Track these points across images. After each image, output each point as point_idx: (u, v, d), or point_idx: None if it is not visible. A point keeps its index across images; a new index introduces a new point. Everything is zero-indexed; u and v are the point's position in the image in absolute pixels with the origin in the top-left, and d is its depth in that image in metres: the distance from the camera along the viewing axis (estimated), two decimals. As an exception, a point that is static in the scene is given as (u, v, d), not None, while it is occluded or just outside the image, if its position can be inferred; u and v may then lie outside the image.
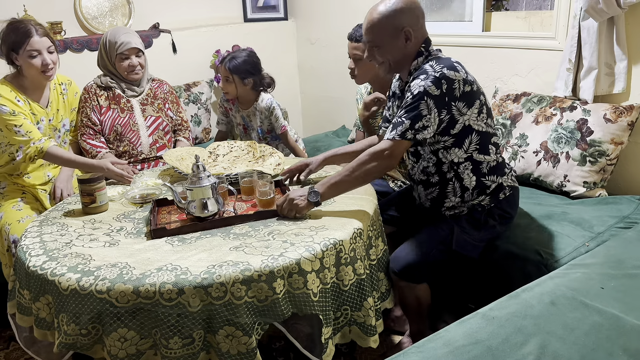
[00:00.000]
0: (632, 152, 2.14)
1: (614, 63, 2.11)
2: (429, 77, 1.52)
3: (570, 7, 2.23)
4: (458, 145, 1.62)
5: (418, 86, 1.53)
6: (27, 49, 1.98)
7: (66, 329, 1.30)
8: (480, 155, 1.64)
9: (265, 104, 2.58)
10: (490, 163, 1.67)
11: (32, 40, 1.98)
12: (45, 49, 2.02)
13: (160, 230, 1.52)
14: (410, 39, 1.61)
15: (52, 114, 2.17)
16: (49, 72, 2.05)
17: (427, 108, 1.52)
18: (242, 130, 2.74)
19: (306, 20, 3.79)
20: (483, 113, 1.61)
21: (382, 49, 1.63)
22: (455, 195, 1.70)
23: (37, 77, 2.06)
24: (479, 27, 2.75)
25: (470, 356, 1.11)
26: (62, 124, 2.24)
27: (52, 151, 2.04)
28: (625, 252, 1.53)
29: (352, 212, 1.59)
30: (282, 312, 1.31)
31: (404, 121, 1.54)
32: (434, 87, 1.51)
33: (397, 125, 1.55)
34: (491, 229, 1.74)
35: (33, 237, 1.55)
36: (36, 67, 2.01)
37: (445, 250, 1.72)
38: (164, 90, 2.55)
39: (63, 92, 2.26)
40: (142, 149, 2.44)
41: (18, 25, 2.01)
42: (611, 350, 1.11)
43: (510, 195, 1.72)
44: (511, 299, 1.32)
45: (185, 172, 1.92)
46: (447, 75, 1.52)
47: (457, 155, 1.64)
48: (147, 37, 3.15)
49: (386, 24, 1.58)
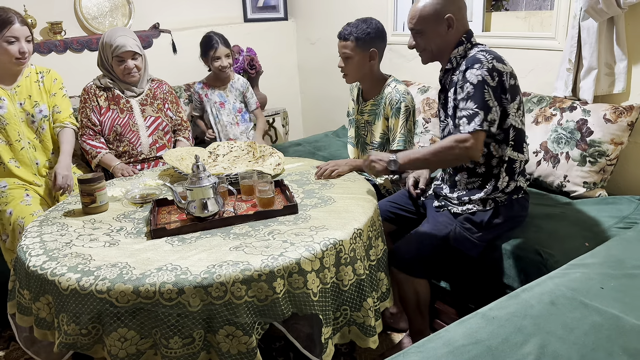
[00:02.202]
0: (632, 152, 2.14)
1: (613, 63, 2.12)
2: (483, 68, 1.56)
3: (570, 7, 2.23)
4: (506, 142, 1.65)
5: (476, 76, 1.57)
6: (6, 34, 2.03)
7: (66, 328, 1.30)
8: (514, 153, 1.67)
9: (241, 82, 3.03)
10: (522, 163, 1.70)
11: (13, 27, 2.03)
12: (23, 37, 2.07)
13: (160, 230, 1.52)
14: (452, 26, 1.66)
15: (22, 98, 2.19)
16: (23, 60, 2.09)
17: (490, 97, 1.56)
18: (218, 107, 2.96)
19: (306, 20, 3.79)
20: (520, 110, 1.64)
21: (426, 35, 1.69)
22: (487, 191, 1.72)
23: (8, 64, 2.10)
24: (479, 27, 2.75)
25: (470, 356, 1.11)
26: (37, 109, 2.23)
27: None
28: (625, 252, 1.53)
29: (352, 212, 1.59)
30: (282, 312, 1.31)
31: (476, 112, 1.56)
32: (490, 78, 1.55)
33: (472, 117, 1.56)
34: (494, 229, 1.75)
35: (33, 237, 1.55)
36: (12, 53, 2.06)
37: (443, 246, 1.73)
38: (164, 91, 2.56)
39: (40, 79, 2.27)
40: (142, 149, 2.44)
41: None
42: (611, 350, 1.11)
43: (522, 198, 1.75)
44: (511, 299, 1.32)
45: (185, 172, 1.92)
46: (497, 67, 1.56)
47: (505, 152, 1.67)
48: (147, 37, 3.15)
49: (430, 11, 1.65)
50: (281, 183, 1.86)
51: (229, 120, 2.98)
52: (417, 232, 1.79)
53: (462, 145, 1.58)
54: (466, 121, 1.58)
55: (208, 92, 2.97)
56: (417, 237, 1.77)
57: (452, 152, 1.60)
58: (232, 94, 2.99)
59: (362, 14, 2.42)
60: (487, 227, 1.73)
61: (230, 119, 2.98)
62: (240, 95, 3.02)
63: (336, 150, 2.92)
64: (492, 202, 1.73)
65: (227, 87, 2.98)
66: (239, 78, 3.04)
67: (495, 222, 1.73)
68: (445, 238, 1.73)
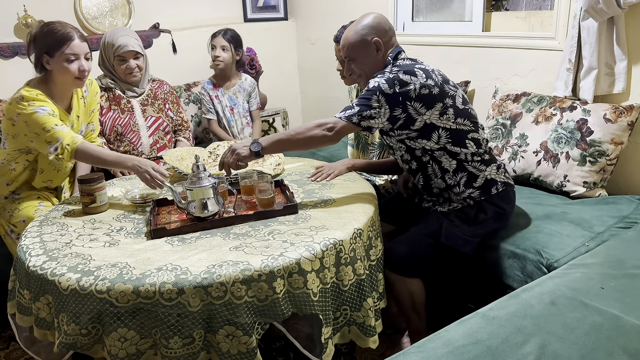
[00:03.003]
0: (632, 152, 2.14)
1: (614, 63, 2.11)
2: (384, 77, 1.66)
3: (570, 7, 2.23)
4: (425, 137, 1.71)
5: (373, 82, 1.68)
6: (65, 52, 1.85)
7: (66, 328, 1.30)
8: (455, 147, 1.72)
9: (249, 82, 3.01)
10: (469, 155, 1.73)
11: (73, 43, 1.86)
12: (83, 54, 1.90)
13: (160, 230, 1.52)
14: (381, 49, 1.77)
15: (73, 120, 2.04)
16: (83, 79, 1.94)
17: (378, 102, 1.64)
18: (230, 112, 2.95)
19: (306, 20, 3.79)
20: (448, 114, 1.68)
21: (358, 61, 1.80)
22: (437, 176, 1.77)
23: (68, 83, 1.94)
24: (479, 27, 2.75)
25: (470, 356, 1.11)
26: (80, 130, 2.10)
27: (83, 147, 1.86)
28: (625, 252, 1.53)
29: (352, 212, 1.59)
30: (282, 312, 1.31)
31: (353, 107, 1.67)
32: (387, 86, 1.63)
33: (347, 109, 1.68)
34: (483, 224, 1.76)
35: (33, 237, 1.55)
36: (72, 72, 1.88)
37: (434, 244, 1.75)
38: (164, 91, 2.56)
39: (84, 94, 2.10)
40: (143, 149, 2.45)
41: (56, 28, 1.88)
42: (611, 350, 1.11)
43: (503, 191, 1.76)
44: (511, 299, 1.32)
45: (185, 172, 1.92)
46: (401, 78, 1.64)
47: (427, 144, 1.72)
48: (147, 37, 3.15)
49: (357, 38, 1.77)
50: (281, 183, 1.86)
51: (239, 124, 2.99)
52: (408, 232, 1.81)
53: (323, 128, 1.66)
54: (342, 110, 1.69)
55: (218, 93, 2.95)
56: (408, 237, 1.79)
57: (311, 133, 1.67)
58: (241, 95, 2.99)
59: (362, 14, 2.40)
60: (475, 223, 1.75)
61: (240, 122, 2.99)
62: (247, 95, 3.02)
63: (336, 150, 2.91)
64: (470, 200, 1.75)
65: (236, 88, 2.97)
66: (246, 78, 3.03)
67: (482, 217, 1.75)
68: (436, 236, 1.75)
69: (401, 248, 1.74)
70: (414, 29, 3.11)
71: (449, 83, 1.71)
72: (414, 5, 3.11)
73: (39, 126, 1.83)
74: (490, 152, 1.80)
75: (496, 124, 2.39)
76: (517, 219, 1.88)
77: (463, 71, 2.75)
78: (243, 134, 3.01)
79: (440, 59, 2.87)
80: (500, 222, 1.80)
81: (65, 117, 1.99)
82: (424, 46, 2.96)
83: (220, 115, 2.96)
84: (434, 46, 2.90)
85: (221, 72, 2.94)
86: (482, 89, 2.69)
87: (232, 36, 2.88)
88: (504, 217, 1.80)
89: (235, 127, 2.99)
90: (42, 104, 1.86)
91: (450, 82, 1.72)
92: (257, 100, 3.06)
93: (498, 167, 1.78)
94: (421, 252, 1.74)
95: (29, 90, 1.87)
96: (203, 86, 2.98)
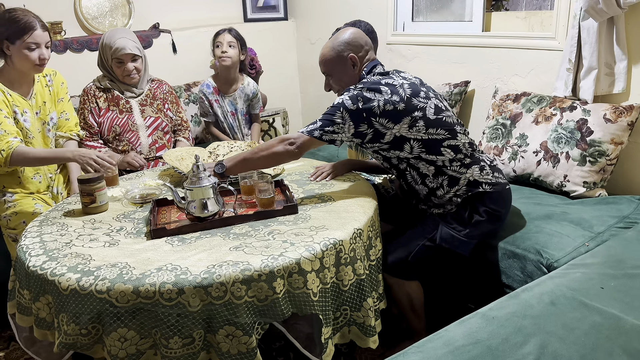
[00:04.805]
0: (632, 152, 2.14)
1: (613, 63, 2.11)
2: (349, 93, 1.69)
3: (570, 7, 2.23)
4: (397, 149, 1.72)
5: (339, 98, 1.71)
6: (27, 40, 1.92)
7: (66, 329, 1.30)
8: (430, 156, 1.72)
9: (252, 87, 2.97)
10: (446, 161, 1.72)
11: (35, 33, 1.93)
12: (44, 43, 1.98)
13: (160, 230, 1.52)
14: (356, 64, 1.81)
15: (37, 106, 2.08)
16: (42, 67, 2.01)
17: (342, 118, 1.67)
18: (231, 117, 2.94)
19: (306, 20, 3.79)
20: (417, 126, 1.67)
21: (335, 76, 1.85)
22: (417, 182, 1.77)
23: (27, 70, 2.00)
24: (479, 27, 2.75)
25: (470, 356, 1.11)
26: (49, 117, 2.15)
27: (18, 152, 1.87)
28: (625, 252, 1.53)
29: (352, 212, 1.59)
30: (282, 312, 1.31)
31: (317, 122, 1.70)
32: (351, 102, 1.66)
33: (310, 124, 1.72)
34: (478, 226, 1.74)
35: (33, 237, 1.55)
36: (32, 60, 1.95)
37: (431, 246, 1.75)
38: (164, 91, 2.56)
39: (48, 83, 2.16)
40: (142, 149, 2.45)
41: (18, 16, 1.93)
42: (611, 350, 1.11)
43: (494, 192, 1.74)
44: (511, 299, 1.32)
45: (185, 172, 1.92)
46: (364, 94, 1.66)
47: (400, 154, 1.74)
48: (147, 37, 3.15)
49: (333, 54, 1.82)
50: (281, 183, 1.86)
51: (241, 128, 3.00)
52: (405, 234, 1.81)
53: (285, 143, 1.70)
54: (306, 125, 1.72)
55: (219, 98, 2.93)
56: (405, 240, 1.79)
57: (274, 150, 1.71)
58: (242, 99, 2.97)
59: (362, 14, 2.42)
60: (469, 224, 1.74)
61: (240, 125, 2.99)
62: (248, 101, 3.00)
63: (335, 150, 2.91)
64: (457, 198, 1.74)
65: (237, 93, 2.94)
66: (249, 82, 2.99)
67: (476, 218, 1.74)
68: (433, 238, 1.75)
69: (398, 251, 1.75)
70: (414, 29, 3.11)
71: (418, 95, 1.69)
72: (414, 5, 3.11)
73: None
74: (472, 155, 1.75)
75: (496, 124, 2.39)
76: (517, 219, 1.88)
77: (463, 71, 2.75)
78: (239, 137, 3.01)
79: (440, 59, 2.87)
80: (495, 223, 1.78)
81: (24, 103, 2.04)
82: (424, 46, 2.96)
83: (221, 119, 2.95)
84: (434, 46, 2.90)
85: (226, 72, 2.87)
86: (482, 89, 2.69)
87: (237, 34, 2.85)
88: (499, 218, 1.78)
89: (237, 131, 2.99)
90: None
91: (421, 94, 1.70)
92: (260, 105, 3.05)
93: (481, 169, 1.74)
94: (418, 254, 1.74)
95: None
96: (202, 89, 2.93)
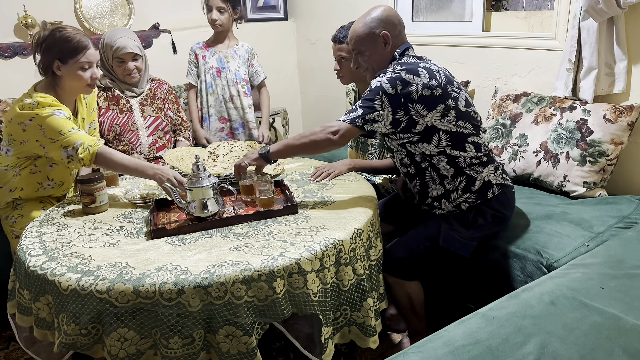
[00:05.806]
0: (632, 152, 2.14)
1: (613, 63, 2.11)
2: (387, 76, 1.63)
3: (570, 7, 2.23)
4: (426, 141, 1.68)
5: (376, 82, 1.64)
6: (80, 60, 1.83)
7: (66, 329, 1.30)
8: (454, 151, 1.69)
9: (246, 48, 2.83)
10: (467, 159, 1.70)
11: (88, 52, 1.85)
12: (95, 62, 1.90)
13: (160, 230, 1.52)
14: (389, 43, 1.74)
15: (79, 123, 2.03)
16: (94, 86, 1.94)
17: (381, 103, 1.61)
18: (214, 74, 2.77)
19: (306, 20, 3.79)
20: (449, 116, 1.65)
21: (365, 54, 1.77)
22: (435, 182, 1.74)
23: (78, 90, 1.93)
24: (479, 27, 2.76)
25: (470, 356, 1.11)
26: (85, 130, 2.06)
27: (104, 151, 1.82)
28: (625, 252, 1.53)
29: (352, 212, 1.59)
30: (282, 312, 1.31)
31: (357, 109, 1.64)
32: (389, 86, 1.60)
33: (351, 112, 1.65)
34: (481, 228, 1.73)
35: (33, 237, 1.55)
36: (85, 79, 1.87)
37: (432, 247, 1.74)
38: (164, 90, 2.56)
39: (85, 95, 2.07)
40: (142, 149, 2.45)
41: (70, 34, 1.84)
42: (611, 350, 1.11)
43: (500, 194, 1.73)
44: (511, 299, 1.32)
45: (185, 172, 1.92)
46: (403, 77, 1.61)
47: (427, 149, 1.70)
48: (147, 37, 3.16)
49: (365, 30, 1.74)
50: (281, 183, 1.86)
51: (224, 94, 2.80)
52: (406, 235, 1.80)
53: (327, 131, 1.65)
54: (346, 113, 1.67)
55: (206, 53, 2.78)
56: (406, 240, 1.78)
57: (317, 137, 1.66)
58: (235, 60, 2.78)
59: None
60: (473, 226, 1.73)
61: (227, 90, 2.79)
62: (246, 62, 2.82)
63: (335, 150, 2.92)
64: (466, 204, 1.71)
65: (229, 51, 2.78)
66: (243, 44, 2.85)
67: (481, 221, 1.72)
68: (434, 239, 1.74)
69: (399, 251, 1.74)
70: (414, 29, 3.11)
71: (452, 84, 1.67)
72: (414, 5, 3.11)
73: (56, 130, 1.79)
74: (489, 154, 1.76)
75: (496, 124, 2.39)
76: (517, 219, 1.88)
77: (463, 71, 2.75)
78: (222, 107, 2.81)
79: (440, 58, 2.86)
80: (499, 225, 1.77)
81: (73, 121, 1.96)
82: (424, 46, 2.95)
83: (201, 79, 2.77)
84: (434, 46, 2.90)
85: (217, 34, 2.79)
86: (482, 89, 2.70)
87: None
88: (503, 220, 1.77)
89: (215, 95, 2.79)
90: (58, 107, 1.83)
91: (454, 83, 1.68)
92: (262, 71, 2.86)
93: (496, 169, 1.74)
94: (419, 255, 1.73)
95: (44, 97, 1.82)
96: (193, 47, 2.84)
